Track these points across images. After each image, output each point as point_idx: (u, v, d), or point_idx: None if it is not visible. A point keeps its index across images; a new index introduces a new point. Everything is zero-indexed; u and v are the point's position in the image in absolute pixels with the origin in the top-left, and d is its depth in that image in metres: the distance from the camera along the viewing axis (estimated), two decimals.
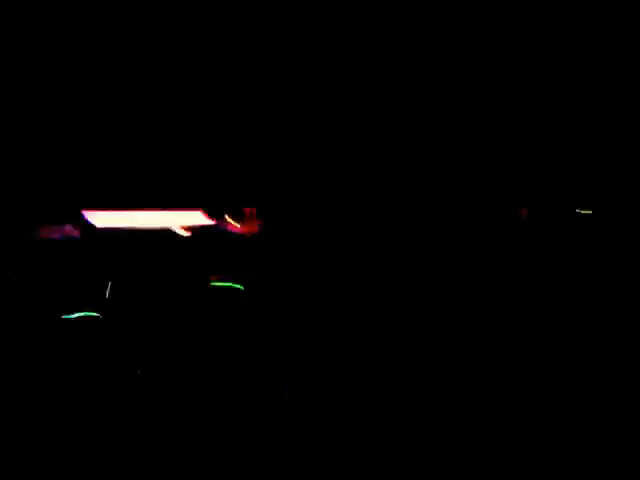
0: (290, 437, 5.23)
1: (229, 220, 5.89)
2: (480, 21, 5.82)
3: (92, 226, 5.74)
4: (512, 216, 6.12)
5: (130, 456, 5.05)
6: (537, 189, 6.14)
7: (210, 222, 5.87)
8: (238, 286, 5.79)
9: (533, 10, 5.85)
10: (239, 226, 5.88)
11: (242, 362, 5.62)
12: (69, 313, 5.56)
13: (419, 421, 5.38)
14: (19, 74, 5.48)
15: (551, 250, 6.04)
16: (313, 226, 6.00)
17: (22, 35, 5.42)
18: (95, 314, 5.60)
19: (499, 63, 5.96)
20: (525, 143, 6.14)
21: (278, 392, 5.47)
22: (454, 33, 5.83)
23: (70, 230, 5.70)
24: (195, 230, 5.87)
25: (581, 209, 6.17)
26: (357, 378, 5.60)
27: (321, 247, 5.96)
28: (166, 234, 5.83)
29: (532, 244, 6.06)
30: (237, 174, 5.90)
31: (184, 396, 5.41)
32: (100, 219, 5.77)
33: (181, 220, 5.85)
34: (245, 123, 5.85)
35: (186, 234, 5.86)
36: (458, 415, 5.41)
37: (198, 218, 5.86)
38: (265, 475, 5.06)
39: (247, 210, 5.88)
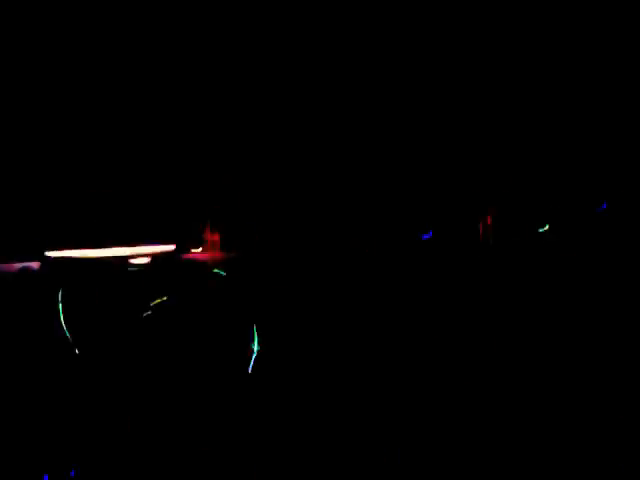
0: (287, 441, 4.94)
1: (191, 248, 5.86)
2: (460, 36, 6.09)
3: (52, 260, 5.78)
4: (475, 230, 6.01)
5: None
6: (500, 201, 6.05)
7: (170, 249, 5.84)
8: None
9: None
10: (201, 252, 5.83)
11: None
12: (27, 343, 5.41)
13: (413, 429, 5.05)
14: None
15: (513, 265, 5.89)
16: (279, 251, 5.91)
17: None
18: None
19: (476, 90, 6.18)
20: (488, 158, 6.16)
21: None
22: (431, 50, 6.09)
23: (29, 265, 5.75)
24: (156, 258, 5.83)
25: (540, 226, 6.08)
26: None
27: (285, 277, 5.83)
28: (126, 263, 5.80)
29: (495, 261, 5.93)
30: (199, 198, 5.98)
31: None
32: (61, 254, 5.82)
33: (142, 249, 5.85)
34: (204, 145, 6.06)
35: (145, 261, 5.82)
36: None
37: (159, 247, 5.85)
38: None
39: (209, 237, 5.86)
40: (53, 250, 5.85)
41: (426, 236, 6.06)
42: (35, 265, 5.75)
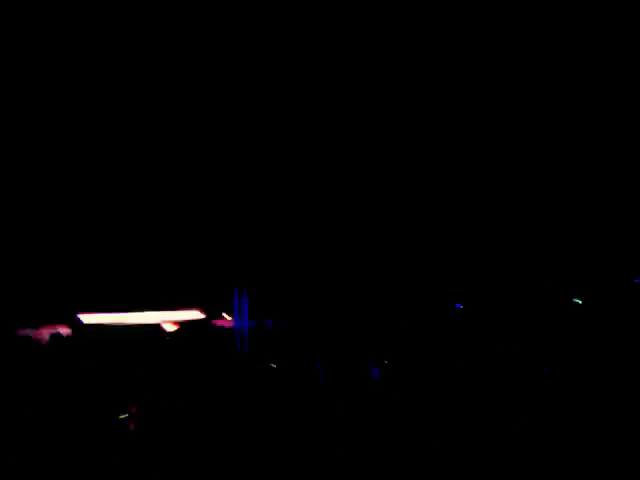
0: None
1: (223, 315, 5.84)
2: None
3: (83, 325, 5.78)
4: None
5: None
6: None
7: (201, 316, 5.82)
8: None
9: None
10: (231, 320, 5.80)
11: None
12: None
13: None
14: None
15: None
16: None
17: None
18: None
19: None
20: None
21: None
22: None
23: (62, 331, 5.75)
24: (187, 325, 5.81)
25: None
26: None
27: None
28: (157, 330, 5.79)
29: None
30: (231, 265, 5.97)
31: None
32: (91, 320, 5.82)
33: (173, 316, 5.83)
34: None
35: (175, 329, 5.80)
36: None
37: (190, 314, 5.83)
38: None
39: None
40: (83, 313, 5.86)
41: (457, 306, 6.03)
42: (65, 330, 5.76)
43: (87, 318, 5.84)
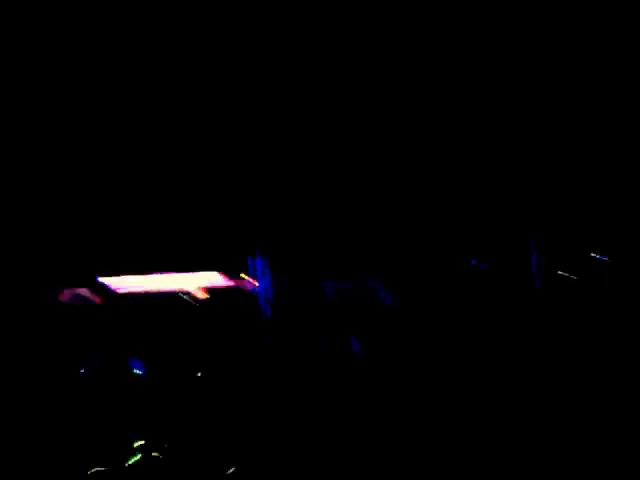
0: None
1: (245, 277, 5.77)
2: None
3: (108, 290, 5.74)
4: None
5: None
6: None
7: (221, 278, 5.76)
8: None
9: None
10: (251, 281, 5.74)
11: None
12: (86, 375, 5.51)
13: None
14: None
15: None
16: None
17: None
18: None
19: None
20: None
21: None
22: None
23: (86, 294, 5.71)
24: (212, 291, 5.77)
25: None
26: None
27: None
28: (182, 297, 5.76)
29: None
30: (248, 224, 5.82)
31: None
32: (116, 283, 5.76)
33: (197, 281, 5.77)
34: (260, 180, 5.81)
35: (202, 295, 5.76)
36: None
37: (214, 278, 5.76)
38: None
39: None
40: (105, 276, 5.78)
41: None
42: (86, 292, 5.72)
43: (107, 280, 5.78)
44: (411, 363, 5.68)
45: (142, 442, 5.28)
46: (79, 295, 5.69)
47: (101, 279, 5.75)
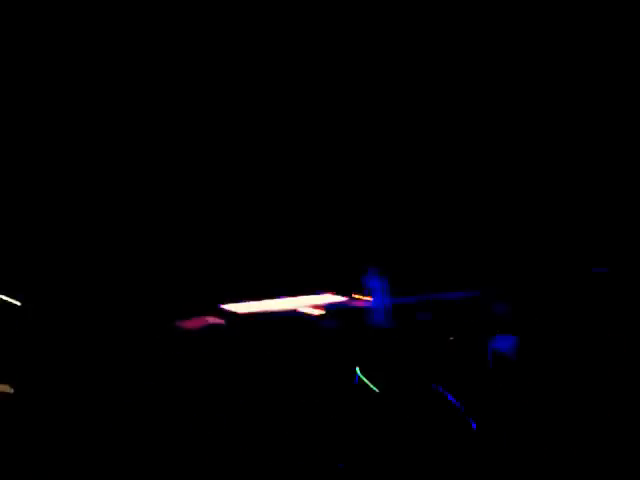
0: None
1: (358, 296, 5.88)
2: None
3: (232, 314, 6.01)
4: None
5: None
6: None
7: (340, 299, 5.89)
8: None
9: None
10: (370, 300, 5.83)
11: None
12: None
13: None
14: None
15: None
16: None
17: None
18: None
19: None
20: None
21: None
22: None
23: (211, 320, 6.00)
24: (326, 308, 5.90)
25: None
26: None
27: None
28: (298, 315, 5.92)
29: None
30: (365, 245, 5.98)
31: None
32: (236, 309, 6.03)
33: (310, 301, 5.94)
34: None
35: (318, 312, 5.91)
36: None
37: (328, 298, 5.92)
38: None
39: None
40: (227, 303, 6.08)
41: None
42: (216, 320, 6.00)
43: (231, 307, 6.07)
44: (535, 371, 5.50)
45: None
46: (204, 321, 5.99)
47: (223, 306, 6.04)
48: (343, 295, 5.93)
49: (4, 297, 6.26)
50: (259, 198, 6.06)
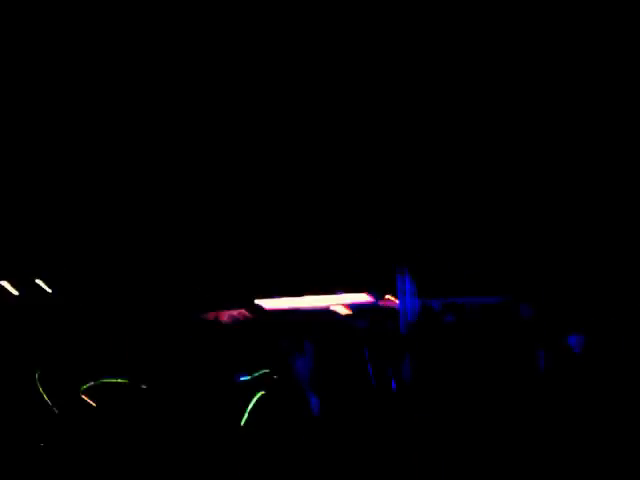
0: None
1: (389, 297, 6.02)
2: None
3: (261, 309, 6.16)
4: None
5: None
6: None
7: (370, 299, 6.04)
8: None
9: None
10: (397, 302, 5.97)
11: None
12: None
13: None
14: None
15: None
16: None
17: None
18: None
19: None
20: None
21: None
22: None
23: (240, 314, 6.14)
24: (357, 308, 6.04)
25: None
26: None
27: None
28: (328, 314, 6.06)
29: None
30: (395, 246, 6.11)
31: None
32: (270, 304, 6.19)
33: (342, 299, 6.08)
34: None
35: (348, 312, 6.04)
36: None
37: (359, 297, 6.06)
38: None
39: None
40: (259, 298, 6.23)
41: None
42: (243, 313, 6.14)
43: (263, 302, 6.22)
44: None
45: None
46: (234, 315, 6.13)
47: (257, 301, 6.19)
48: (375, 295, 6.07)
49: (41, 282, 6.44)
50: (300, 200, 6.20)
